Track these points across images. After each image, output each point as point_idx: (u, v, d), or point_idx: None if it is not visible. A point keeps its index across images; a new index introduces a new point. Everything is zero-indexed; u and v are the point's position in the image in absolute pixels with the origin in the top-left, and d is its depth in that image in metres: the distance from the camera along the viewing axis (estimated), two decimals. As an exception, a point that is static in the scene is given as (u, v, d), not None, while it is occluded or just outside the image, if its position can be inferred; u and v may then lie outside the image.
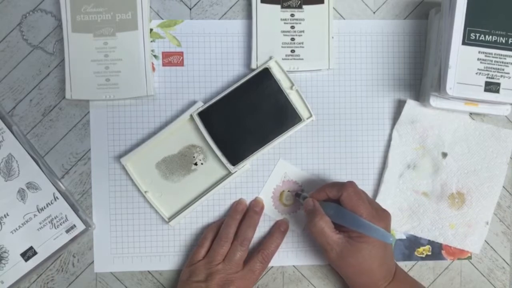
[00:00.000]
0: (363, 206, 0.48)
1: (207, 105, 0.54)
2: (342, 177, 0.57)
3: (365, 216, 0.48)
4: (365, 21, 0.58)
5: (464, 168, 0.57)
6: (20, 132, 0.54)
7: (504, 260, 0.59)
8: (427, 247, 0.58)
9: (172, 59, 0.56)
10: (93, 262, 0.56)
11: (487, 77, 0.49)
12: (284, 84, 0.55)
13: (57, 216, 0.54)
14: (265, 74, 0.54)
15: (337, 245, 0.49)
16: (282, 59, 0.55)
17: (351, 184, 0.50)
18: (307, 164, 0.57)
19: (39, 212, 0.54)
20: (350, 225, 0.48)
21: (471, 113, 0.58)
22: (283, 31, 0.55)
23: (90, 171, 0.56)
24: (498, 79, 0.50)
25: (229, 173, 0.55)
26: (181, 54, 0.56)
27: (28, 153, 0.54)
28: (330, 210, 0.50)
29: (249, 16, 0.56)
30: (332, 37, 0.56)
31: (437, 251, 0.58)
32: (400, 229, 0.57)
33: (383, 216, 0.50)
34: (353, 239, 0.49)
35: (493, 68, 0.49)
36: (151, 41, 0.56)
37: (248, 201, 0.57)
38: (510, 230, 0.59)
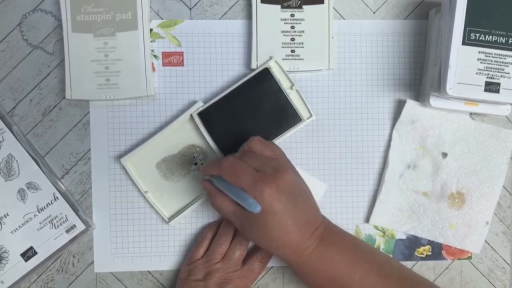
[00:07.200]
0: (243, 174, 0.46)
1: (207, 105, 0.54)
2: (342, 177, 0.57)
3: (244, 185, 0.45)
4: (365, 21, 0.58)
5: (464, 168, 0.57)
6: (20, 132, 0.54)
7: (504, 260, 0.58)
8: (427, 247, 0.58)
9: (172, 59, 0.56)
10: (93, 262, 0.56)
11: (487, 77, 0.49)
12: (284, 84, 0.55)
13: (57, 216, 0.54)
14: (265, 74, 0.54)
15: (235, 216, 0.48)
16: (282, 59, 0.55)
17: (226, 160, 0.47)
18: (307, 164, 0.57)
19: (39, 212, 0.54)
20: (232, 196, 0.47)
21: (471, 113, 0.58)
22: (283, 31, 0.55)
23: (90, 171, 0.56)
24: (498, 79, 0.49)
25: (229, 173, 0.55)
26: (181, 54, 0.56)
27: (28, 153, 0.54)
28: (218, 184, 0.49)
29: (249, 16, 0.56)
30: (332, 37, 0.56)
31: (437, 251, 0.58)
32: (400, 229, 0.57)
33: (272, 177, 0.46)
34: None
35: (493, 68, 0.49)
36: (151, 41, 0.56)
37: (247, 201, 0.57)
38: (510, 230, 0.58)
